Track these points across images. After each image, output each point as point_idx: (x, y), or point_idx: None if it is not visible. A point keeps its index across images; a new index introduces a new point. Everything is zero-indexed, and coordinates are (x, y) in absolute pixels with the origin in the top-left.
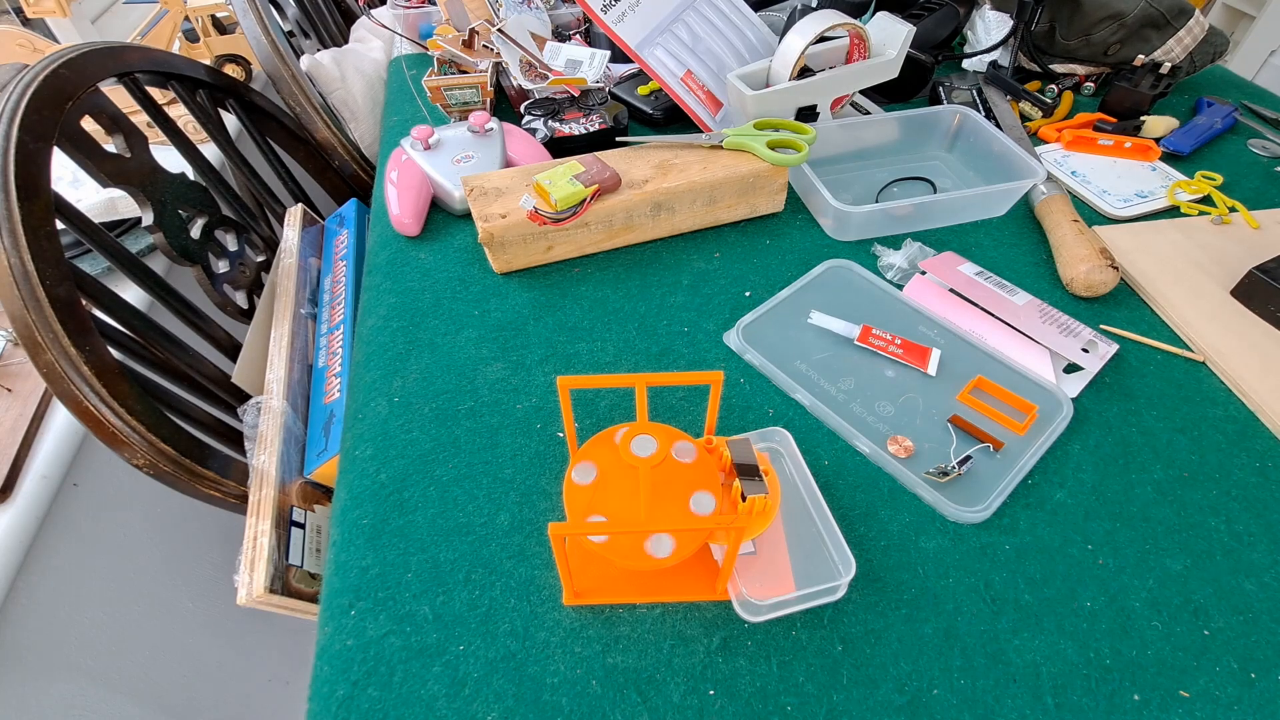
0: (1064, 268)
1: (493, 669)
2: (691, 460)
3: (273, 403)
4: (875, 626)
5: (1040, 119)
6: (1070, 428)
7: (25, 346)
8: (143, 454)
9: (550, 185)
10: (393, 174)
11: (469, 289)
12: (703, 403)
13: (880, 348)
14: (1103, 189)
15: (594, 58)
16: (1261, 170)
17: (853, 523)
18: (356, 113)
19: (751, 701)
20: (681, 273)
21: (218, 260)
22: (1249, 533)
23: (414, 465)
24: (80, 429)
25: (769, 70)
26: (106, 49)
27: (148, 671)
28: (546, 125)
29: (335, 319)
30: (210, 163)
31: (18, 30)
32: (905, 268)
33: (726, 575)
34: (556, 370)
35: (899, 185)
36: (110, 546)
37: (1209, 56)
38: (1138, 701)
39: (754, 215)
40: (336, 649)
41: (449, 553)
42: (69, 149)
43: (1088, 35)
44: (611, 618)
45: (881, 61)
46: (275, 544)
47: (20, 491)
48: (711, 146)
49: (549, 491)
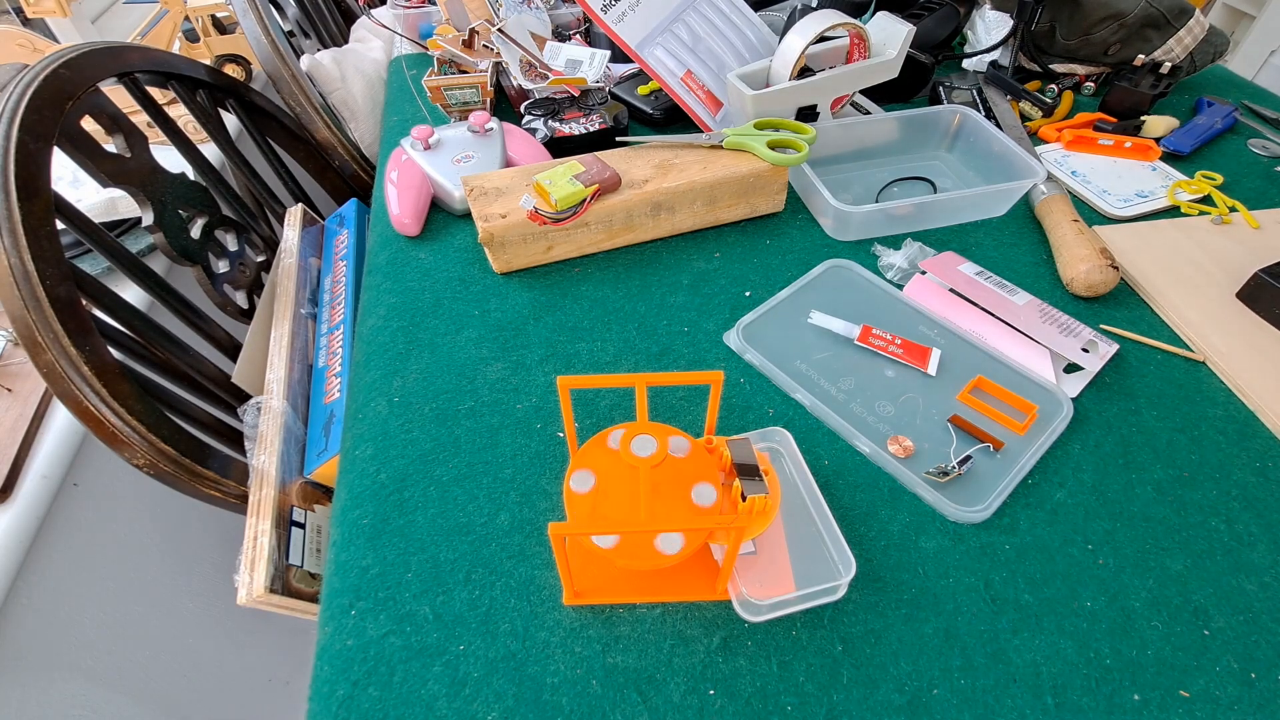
0: (1064, 268)
1: (493, 669)
2: (686, 454)
3: (273, 403)
4: (875, 626)
5: (1040, 119)
6: (1070, 428)
7: (25, 346)
8: (143, 454)
9: (550, 185)
10: (393, 174)
11: (469, 289)
12: (703, 403)
13: (880, 348)
14: (1103, 189)
15: (594, 58)
16: (1261, 170)
17: (853, 523)
18: (356, 113)
19: (751, 701)
20: (681, 273)
21: (218, 260)
22: (1249, 533)
23: (414, 465)
24: (80, 429)
25: (769, 70)
26: (106, 49)
27: (148, 671)
28: (546, 125)
29: (335, 319)
30: (210, 163)
31: (18, 30)
32: (905, 268)
33: (726, 575)
34: (556, 370)
35: (899, 185)
36: (110, 546)
37: (1209, 56)
38: (1138, 701)
39: (754, 215)
40: (336, 649)
41: (449, 553)
42: (69, 149)
43: (1088, 35)
44: (611, 618)
45: (881, 61)
46: (275, 544)
47: (20, 491)
48: (711, 146)
49: (549, 491)
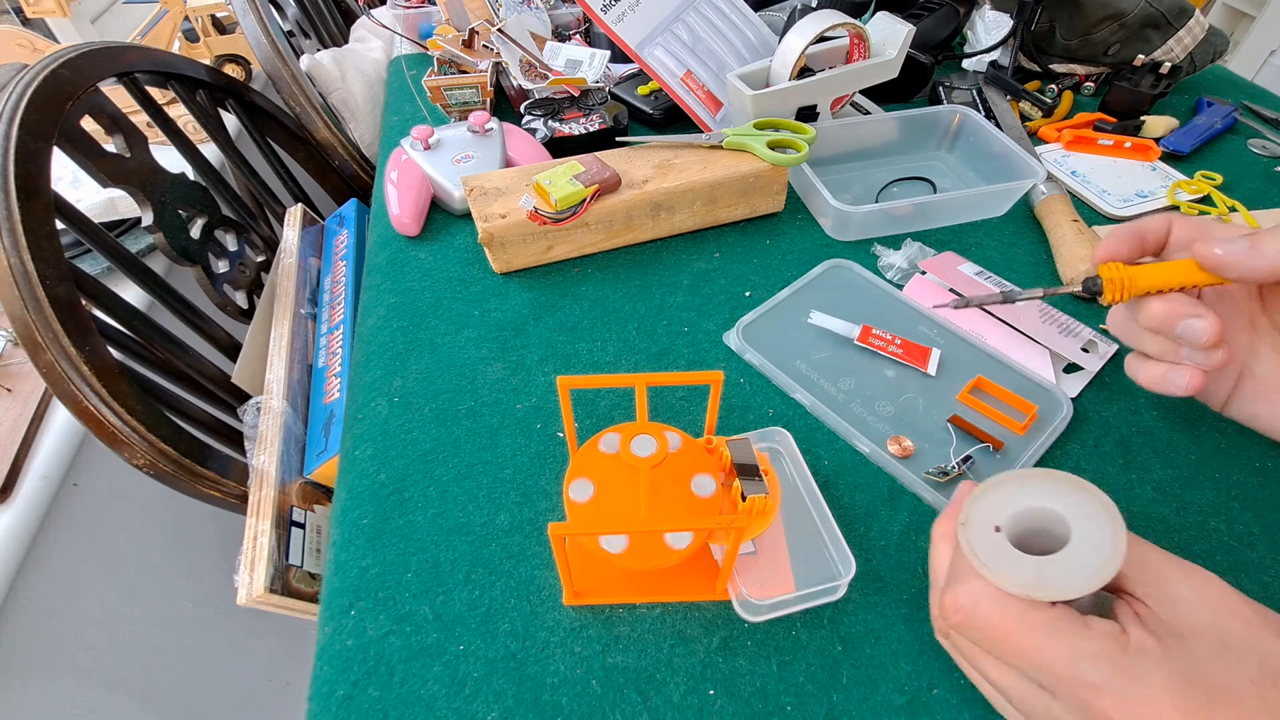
0: (1064, 268)
1: (493, 669)
2: (679, 448)
3: (273, 403)
4: (875, 626)
5: (1040, 119)
6: (1070, 427)
7: (25, 346)
8: (143, 454)
9: (550, 185)
10: (393, 174)
11: (469, 289)
12: (703, 403)
13: (880, 348)
14: (1103, 189)
15: (594, 58)
16: (1261, 170)
17: (853, 523)
18: (356, 113)
19: (751, 701)
20: (681, 273)
21: (218, 260)
22: (1249, 533)
23: (414, 465)
24: (80, 429)
25: (769, 70)
26: (106, 49)
27: (148, 671)
28: (546, 125)
29: (335, 319)
30: (210, 163)
31: (18, 30)
32: (905, 268)
33: (726, 575)
34: (556, 370)
35: (899, 185)
36: (110, 546)
37: (1209, 56)
38: None
39: (754, 215)
40: (336, 649)
41: (449, 553)
42: (69, 149)
43: (1088, 35)
44: (611, 618)
45: (881, 61)
46: (275, 544)
47: (20, 491)
48: (711, 146)
49: (549, 491)
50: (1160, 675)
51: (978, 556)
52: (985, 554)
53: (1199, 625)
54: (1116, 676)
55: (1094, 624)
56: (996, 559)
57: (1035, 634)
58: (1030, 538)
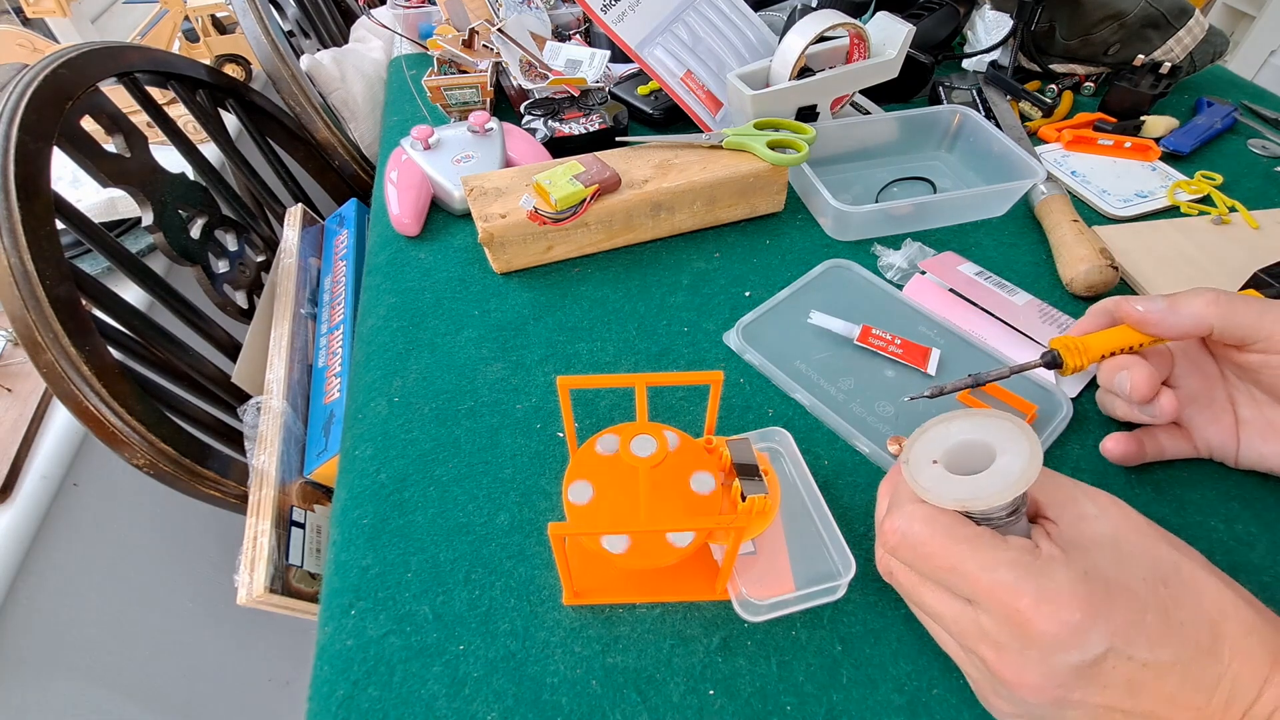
0: (1064, 268)
1: (493, 669)
2: (679, 448)
3: (273, 403)
4: (875, 626)
5: (1040, 119)
6: (1070, 427)
7: (25, 346)
8: (143, 454)
9: (550, 185)
10: (393, 174)
11: (469, 289)
12: (703, 403)
13: (880, 348)
14: (1102, 189)
15: (594, 58)
16: (1261, 170)
17: (853, 523)
18: (356, 113)
19: (751, 701)
20: (681, 273)
21: (218, 260)
22: (1249, 532)
23: (414, 465)
24: (80, 429)
25: (769, 70)
26: (106, 49)
27: (148, 671)
28: (546, 125)
29: (335, 319)
30: (210, 163)
31: (18, 30)
32: (905, 268)
33: (726, 575)
34: (556, 370)
35: (899, 185)
36: (110, 546)
37: (1209, 56)
38: None
39: (754, 215)
40: (336, 649)
41: (449, 553)
42: (69, 149)
43: (1088, 35)
44: (611, 618)
45: (881, 61)
46: (275, 544)
47: (20, 491)
48: (711, 146)
49: (549, 491)
50: (1066, 574)
51: (919, 484)
52: (926, 481)
53: (1101, 537)
54: (1028, 578)
55: (1011, 541)
56: (936, 485)
57: (960, 545)
58: (963, 469)
